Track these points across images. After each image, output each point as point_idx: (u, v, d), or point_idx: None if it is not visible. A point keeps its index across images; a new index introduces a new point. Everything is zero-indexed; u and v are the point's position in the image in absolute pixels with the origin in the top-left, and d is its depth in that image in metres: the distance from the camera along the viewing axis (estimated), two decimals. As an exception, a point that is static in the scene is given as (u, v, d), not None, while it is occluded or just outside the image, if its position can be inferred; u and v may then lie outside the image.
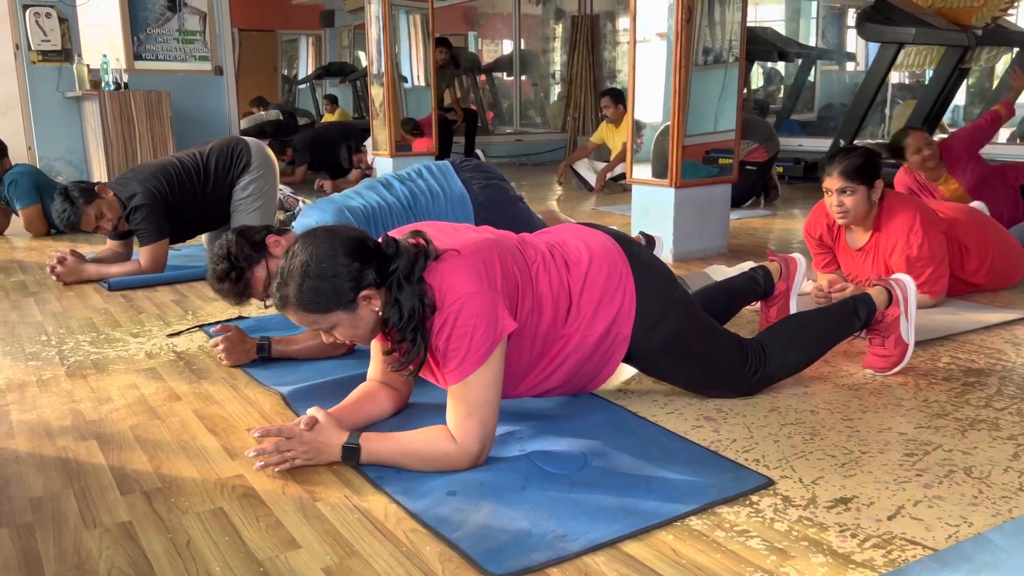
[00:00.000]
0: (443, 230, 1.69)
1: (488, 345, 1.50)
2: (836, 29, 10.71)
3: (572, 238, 1.81)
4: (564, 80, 9.58)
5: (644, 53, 3.67)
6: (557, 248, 1.76)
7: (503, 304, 1.55)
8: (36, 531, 1.40)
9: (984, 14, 5.60)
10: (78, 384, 2.16)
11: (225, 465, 1.64)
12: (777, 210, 5.29)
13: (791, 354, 1.98)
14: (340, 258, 1.50)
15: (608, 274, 1.74)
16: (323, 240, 1.52)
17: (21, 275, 3.60)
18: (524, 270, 1.66)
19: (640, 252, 1.84)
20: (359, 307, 1.52)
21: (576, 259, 1.75)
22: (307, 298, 1.50)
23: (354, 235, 1.55)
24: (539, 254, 1.72)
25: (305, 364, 2.23)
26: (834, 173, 2.57)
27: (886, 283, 2.12)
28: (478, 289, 1.51)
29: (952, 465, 1.58)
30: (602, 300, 1.72)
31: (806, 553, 1.28)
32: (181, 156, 3.57)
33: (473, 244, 1.60)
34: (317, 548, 1.33)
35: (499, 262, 1.59)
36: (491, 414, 1.54)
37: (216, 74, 6.93)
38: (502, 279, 1.57)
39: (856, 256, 2.74)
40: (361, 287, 1.51)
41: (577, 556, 1.27)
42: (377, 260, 1.53)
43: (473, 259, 1.56)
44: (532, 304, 1.65)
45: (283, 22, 11.80)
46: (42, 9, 6.18)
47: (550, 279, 1.69)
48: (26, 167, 4.64)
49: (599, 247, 1.78)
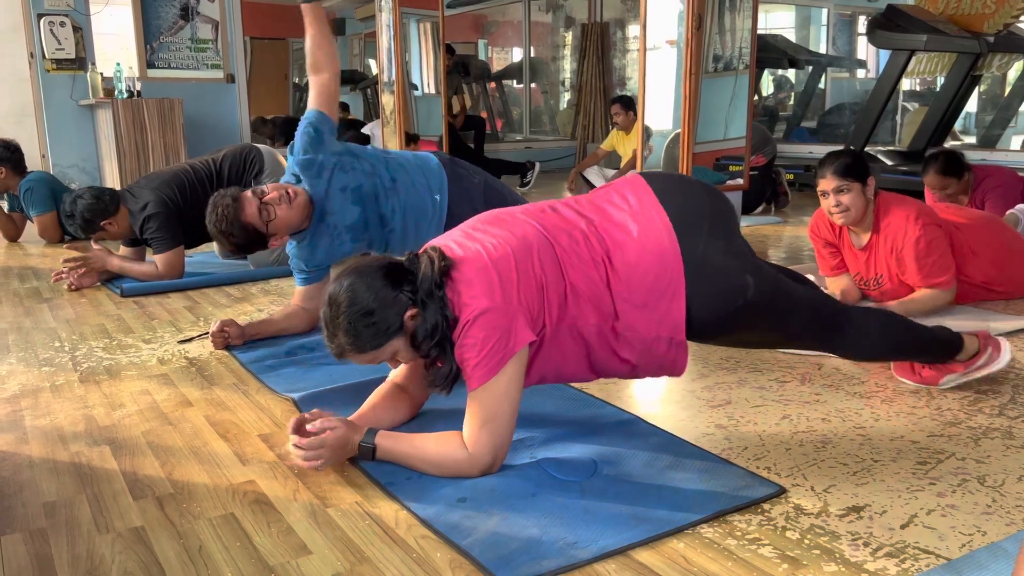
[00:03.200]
0: (481, 226, 1.63)
1: (500, 356, 1.49)
2: (847, 36, 10.69)
3: (629, 225, 1.60)
4: (574, 87, 9.59)
5: (654, 60, 3.68)
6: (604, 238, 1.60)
7: (520, 317, 1.50)
8: (49, 536, 1.41)
9: (996, 21, 5.58)
10: (91, 390, 2.17)
11: (237, 471, 1.65)
12: (788, 217, 5.28)
13: (865, 343, 1.82)
14: (375, 293, 1.50)
15: (653, 281, 1.57)
16: (350, 282, 1.52)
17: (35, 281, 3.63)
18: (553, 266, 1.55)
19: (704, 249, 1.59)
20: (408, 328, 1.52)
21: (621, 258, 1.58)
22: (360, 341, 1.52)
23: (379, 265, 1.55)
24: (575, 244, 1.58)
25: (317, 370, 2.24)
26: (827, 174, 2.61)
27: (987, 340, 2.01)
28: (492, 305, 1.49)
29: (965, 474, 1.57)
30: (644, 311, 1.57)
31: (818, 562, 1.27)
32: (194, 163, 3.59)
33: (494, 254, 1.54)
34: (328, 554, 1.33)
35: (517, 272, 1.52)
36: (505, 425, 1.53)
37: (228, 82, 6.97)
38: (520, 290, 1.52)
39: (860, 255, 2.76)
40: (404, 311, 1.51)
41: (588, 564, 1.27)
42: (406, 278, 1.53)
43: (490, 275, 1.51)
44: (564, 299, 1.56)
45: (295, 30, 11.82)
46: (56, 18, 6.24)
47: (586, 270, 1.57)
48: (41, 174, 4.67)
49: (651, 249, 1.58)
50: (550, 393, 2.03)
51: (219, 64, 6.93)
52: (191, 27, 6.78)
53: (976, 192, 3.71)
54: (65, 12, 6.26)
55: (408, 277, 1.53)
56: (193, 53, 6.83)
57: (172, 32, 6.72)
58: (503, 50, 11.91)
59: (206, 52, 6.88)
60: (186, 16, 6.74)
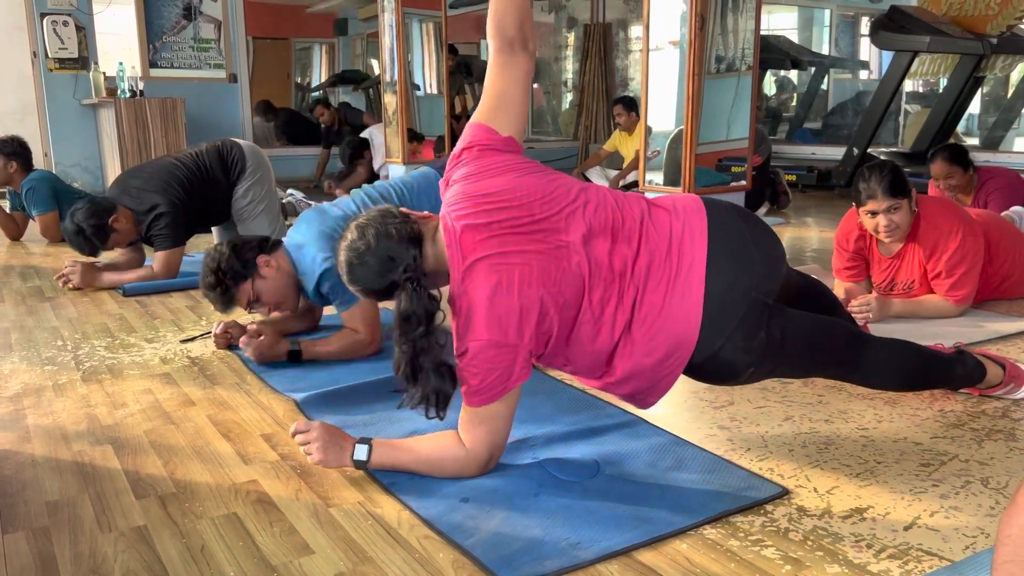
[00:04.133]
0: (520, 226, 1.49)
1: (500, 390, 1.46)
2: (849, 37, 10.68)
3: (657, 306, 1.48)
4: (576, 88, 9.59)
5: (657, 61, 3.67)
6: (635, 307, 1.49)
7: (523, 353, 1.45)
8: (52, 535, 1.41)
9: (999, 22, 5.58)
10: (93, 389, 2.17)
11: (239, 470, 1.65)
12: (790, 218, 5.28)
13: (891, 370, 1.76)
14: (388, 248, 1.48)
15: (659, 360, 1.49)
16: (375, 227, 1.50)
17: (37, 280, 3.63)
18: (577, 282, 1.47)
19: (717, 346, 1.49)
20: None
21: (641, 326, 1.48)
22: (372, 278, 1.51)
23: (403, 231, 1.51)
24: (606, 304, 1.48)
25: (319, 370, 2.23)
26: (878, 194, 2.52)
27: (1009, 365, 1.94)
28: (499, 339, 1.43)
29: (969, 476, 1.57)
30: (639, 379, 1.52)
31: (821, 563, 1.27)
32: (181, 158, 3.55)
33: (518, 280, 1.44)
34: (330, 554, 1.33)
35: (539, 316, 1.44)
36: (503, 424, 1.53)
37: (230, 82, 6.98)
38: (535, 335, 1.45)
39: (891, 263, 2.72)
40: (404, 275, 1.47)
41: (590, 564, 1.27)
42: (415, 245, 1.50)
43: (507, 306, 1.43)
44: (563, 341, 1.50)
45: (297, 30, 11.86)
46: (60, 17, 6.25)
47: (599, 339, 1.50)
48: (43, 174, 4.68)
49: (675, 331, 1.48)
50: (552, 393, 2.03)
51: (221, 64, 6.94)
52: (194, 27, 6.78)
53: (980, 192, 3.71)
54: (68, 11, 6.27)
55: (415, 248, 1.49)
56: (196, 53, 6.84)
57: (175, 31, 6.73)
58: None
59: (209, 52, 6.88)
60: (189, 16, 6.75)
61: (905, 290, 2.72)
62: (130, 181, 3.49)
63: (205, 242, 4.44)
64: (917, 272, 2.66)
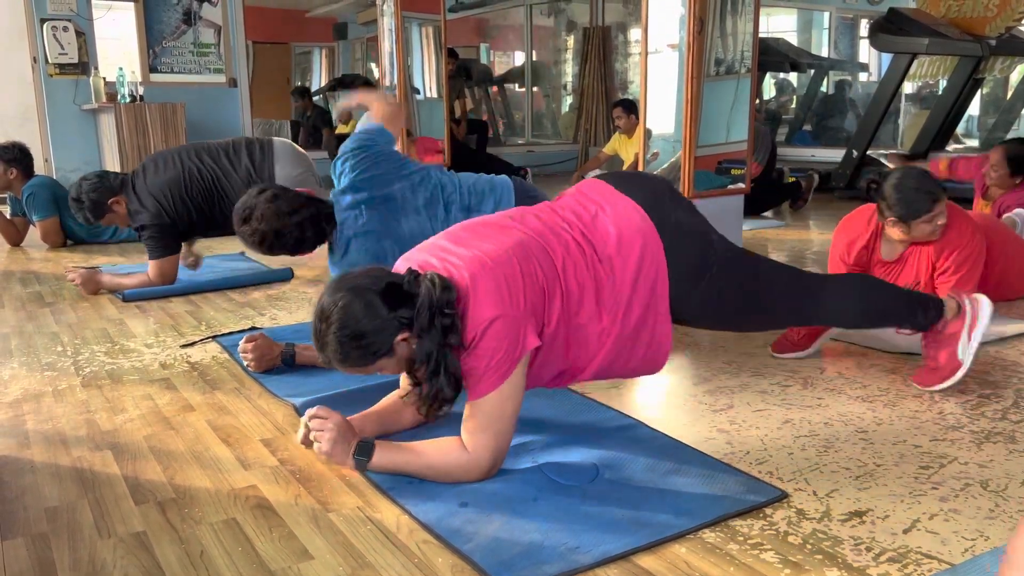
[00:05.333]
0: (471, 233, 1.65)
1: (507, 367, 1.49)
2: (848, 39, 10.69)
3: (602, 218, 1.68)
4: (576, 91, 9.60)
5: (656, 64, 3.68)
6: (586, 234, 1.66)
7: (527, 322, 1.51)
8: (51, 540, 1.41)
9: (998, 24, 5.58)
10: (93, 394, 2.17)
11: (238, 476, 1.65)
12: (791, 221, 5.28)
13: (850, 304, 1.93)
14: (368, 314, 1.48)
15: (640, 257, 1.64)
16: (345, 299, 1.49)
17: (37, 286, 3.63)
18: (551, 268, 1.59)
19: (672, 215, 1.71)
20: (397, 350, 1.52)
21: (604, 247, 1.64)
22: (349, 360, 1.51)
23: (377, 284, 1.51)
24: (564, 246, 1.62)
25: (319, 375, 2.23)
26: (942, 196, 2.50)
27: (959, 296, 2.06)
28: (500, 312, 1.48)
29: (968, 478, 1.57)
30: (635, 288, 1.63)
31: (820, 567, 1.27)
32: (206, 161, 3.40)
33: (495, 256, 1.55)
34: (329, 559, 1.33)
35: (522, 275, 1.53)
36: (506, 428, 1.54)
37: (230, 86, 6.98)
38: (526, 294, 1.53)
39: (891, 268, 2.71)
40: (395, 335, 1.49)
41: (589, 569, 1.27)
42: (403, 299, 1.50)
43: (495, 278, 1.51)
44: (562, 302, 1.59)
45: (297, 35, 11.88)
46: (59, 23, 6.26)
47: (577, 272, 1.61)
48: (43, 179, 4.68)
49: (628, 228, 1.66)
50: (551, 397, 2.03)
51: (221, 68, 6.94)
52: (193, 31, 6.79)
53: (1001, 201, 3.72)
54: (68, 17, 6.28)
55: (406, 299, 1.50)
56: (196, 57, 6.85)
57: (175, 36, 6.74)
58: (505, 54, 11.93)
59: (208, 56, 6.89)
60: (188, 20, 6.75)
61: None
62: (147, 167, 3.41)
63: (209, 245, 4.46)
64: (924, 273, 2.65)
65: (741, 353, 2.39)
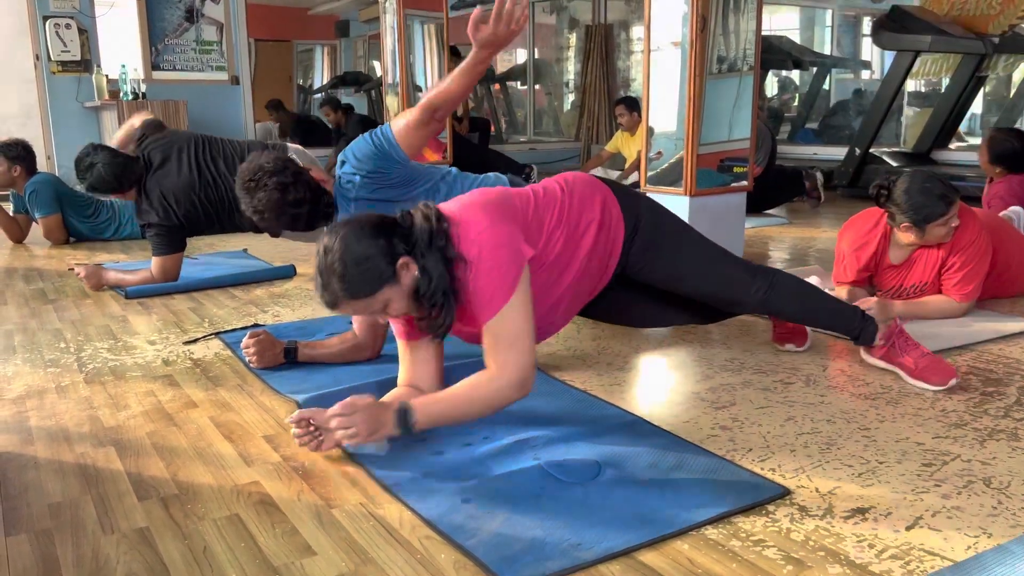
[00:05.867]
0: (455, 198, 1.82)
1: (515, 273, 1.60)
2: (851, 37, 10.67)
3: (550, 180, 1.98)
4: (578, 89, 9.59)
5: (658, 62, 3.67)
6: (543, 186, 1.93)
7: (519, 233, 1.66)
8: (55, 537, 1.42)
9: (1001, 22, 5.57)
10: (96, 391, 2.18)
11: (241, 472, 1.65)
12: (793, 219, 5.27)
13: (795, 299, 2.13)
14: (366, 240, 1.57)
15: (585, 185, 1.94)
16: (345, 231, 1.59)
17: (40, 283, 3.64)
18: (530, 207, 1.81)
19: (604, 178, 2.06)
20: (401, 277, 1.59)
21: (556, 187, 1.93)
22: (354, 286, 1.57)
23: (369, 217, 1.63)
24: (533, 192, 1.88)
25: (321, 371, 2.24)
26: (957, 199, 2.54)
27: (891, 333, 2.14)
28: (492, 221, 1.62)
29: (971, 475, 1.57)
30: (585, 194, 1.91)
31: (823, 563, 1.27)
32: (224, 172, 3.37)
33: (479, 195, 1.74)
34: (332, 555, 1.33)
35: (506, 203, 1.73)
36: (528, 343, 1.62)
37: (232, 84, 6.99)
38: (510, 212, 1.71)
39: (898, 271, 2.70)
40: (396, 258, 1.58)
41: (592, 565, 1.27)
42: (399, 232, 1.60)
43: (483, 200, 1.69)
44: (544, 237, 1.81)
45: (299, 32, 11.88)
46: (62, 20, 6.27)
47: (550, 212, 1.84)
48: (46, 176, 4.69)
49: (573, 176, 1.99)
50: (553, 394, 2.03)
51: (224, 66, 6.95)
52: (196, 29, 6.80)
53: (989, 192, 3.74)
54: (70, 14, 6.29)
55: (400, 231, 1.60)
56: (198, 55, 6.85)
57: (177, 34, 6.75)
58: (507, 52, 11.92)
59: (211, 54, 6.90)
60: (191, 18, 6.76)
61: (916, 293, 2.70)
62: (156, 159, 3.36)
63: (211, 243, 4.46)
64: (930, 274, 2.64)
65: (743, 351, 2.39)
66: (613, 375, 2.21)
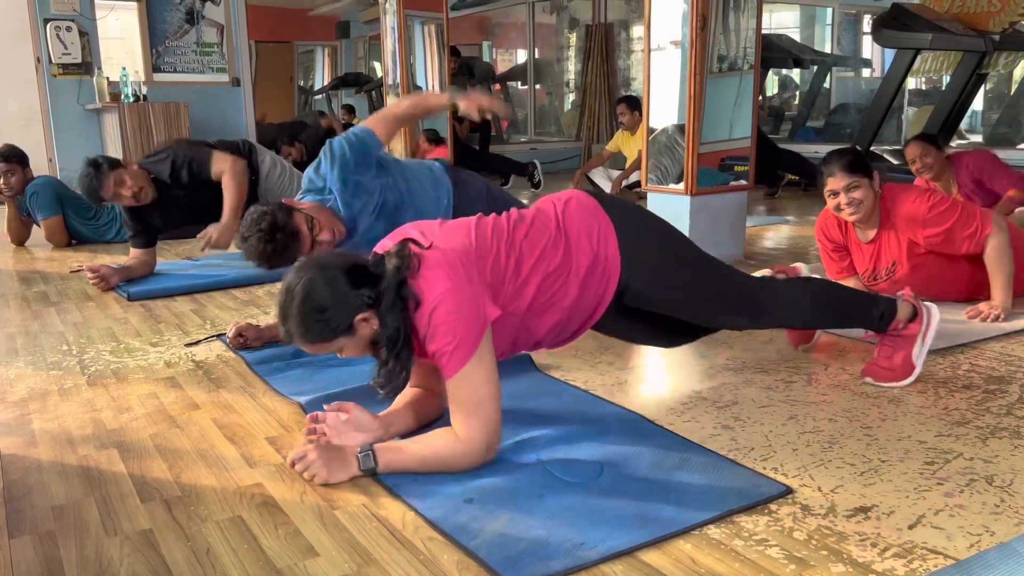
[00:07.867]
0: (426, 230, 1.72)
1: (474, 335, 1.54)
2: (852, 35, 10.67)
3: (545, 201, 1.85)
4: (578, 88, 9.59)
5: (659, 61, 3.67)
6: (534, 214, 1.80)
7: (483, 294, 1.59)
8: (58, 539, 1.42)
9: (1002, 19, 5.57)
10: (99, 393, 2.18)
11: (244, 473, 1.65)
12: (794, 217, 5.27)
13: (805, 302, 2.01)
14: (329, 289, 1.53)
15: (583, 219, 1.77)
16: (309, 276, 1.55)
17: (42, 285, 3.64)
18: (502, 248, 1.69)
19: (611, 199, 1.90)
20: (359, 329, 1.56)
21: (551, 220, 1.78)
22: (310, 333, 1.56)
23: (342, 262, 1.58)
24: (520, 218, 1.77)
25: (323, 372, 2.24)
26: (836, 172, 2.60)
27: (915, 301, 2.09)
28: (455, 285, 1.55)
29: (973, 474, 1.57)
30: (580, 230, 1.75)
31: (825, 562, 1.27)
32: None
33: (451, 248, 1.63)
34: (335, 556, 1.33)
35: (477, 254, 1.63)
36: (492, 409, 1.57)
37: (233, 85, 7.00)
38: (478, 270, 1.61)
39: (868, 249, 2.76)
40: (357, 310, 1.54)
41: (595, 564, 1.27)
42: (368, 278, 1.56)
43: (449, 258, 1.59)
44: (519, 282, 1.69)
45: (299, 34, 11.90)
46: (63, 23, 6.27)
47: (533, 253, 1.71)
48: (47, 179, 4.70)
49: (576, 203, 1.82)
50: (555, 393, 2.03)
51: (224, 68, 6.96)
52: (196, 31, 6.81)
53: (960, 174, 3.83)
54: (71, 17, 6.30)
55: (369, 279, 1.56)
56: (199, 57, 6.86)
57: (178, 36, 6.75)
58: (507, 52, 11.92)
59: (211, 56, 6.90)
60: (191, 20, 6.77)
61: (888, 274, 2.74)
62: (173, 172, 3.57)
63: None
64: (896, 251, 2.69)
65: (745, 350, 2.39)
66: (615, 374, 2.21)
